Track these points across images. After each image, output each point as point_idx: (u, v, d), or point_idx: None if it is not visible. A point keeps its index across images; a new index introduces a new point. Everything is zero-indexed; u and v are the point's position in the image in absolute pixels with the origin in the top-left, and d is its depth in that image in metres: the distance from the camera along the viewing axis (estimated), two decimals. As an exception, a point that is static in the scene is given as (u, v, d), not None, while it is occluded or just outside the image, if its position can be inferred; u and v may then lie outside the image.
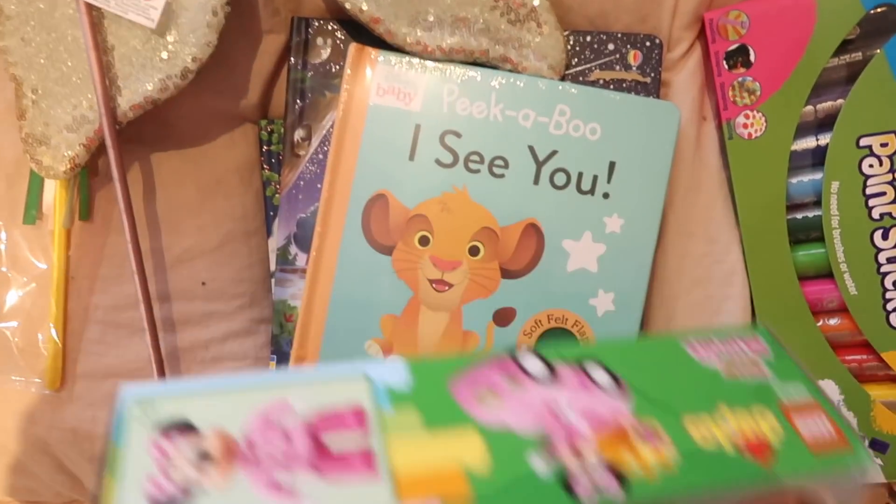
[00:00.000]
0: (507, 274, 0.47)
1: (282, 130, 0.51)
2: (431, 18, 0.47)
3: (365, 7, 0.46)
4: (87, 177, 0.50)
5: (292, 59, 0.50)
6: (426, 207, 0.47)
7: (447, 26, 0.47)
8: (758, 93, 0.49)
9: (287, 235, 0.50)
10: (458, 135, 0.46)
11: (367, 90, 0.47)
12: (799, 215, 0.49)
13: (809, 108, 0.49)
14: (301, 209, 0.50)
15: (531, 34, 0.48)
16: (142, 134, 0.50)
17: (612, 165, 0.46)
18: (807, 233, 0.49)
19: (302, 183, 0.50)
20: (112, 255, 0.50)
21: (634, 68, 0.50)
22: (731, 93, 0.49)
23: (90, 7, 0.45)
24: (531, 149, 0.46)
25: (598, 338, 0.47)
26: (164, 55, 0.45)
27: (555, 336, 0.47)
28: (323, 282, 0.47)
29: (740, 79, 0.49)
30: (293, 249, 0.51)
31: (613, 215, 0.46)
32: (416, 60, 0.47)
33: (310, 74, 0.50)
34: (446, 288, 0.47)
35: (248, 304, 0.52)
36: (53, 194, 0.49)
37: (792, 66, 0.48)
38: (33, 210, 0.49)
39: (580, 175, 0.46)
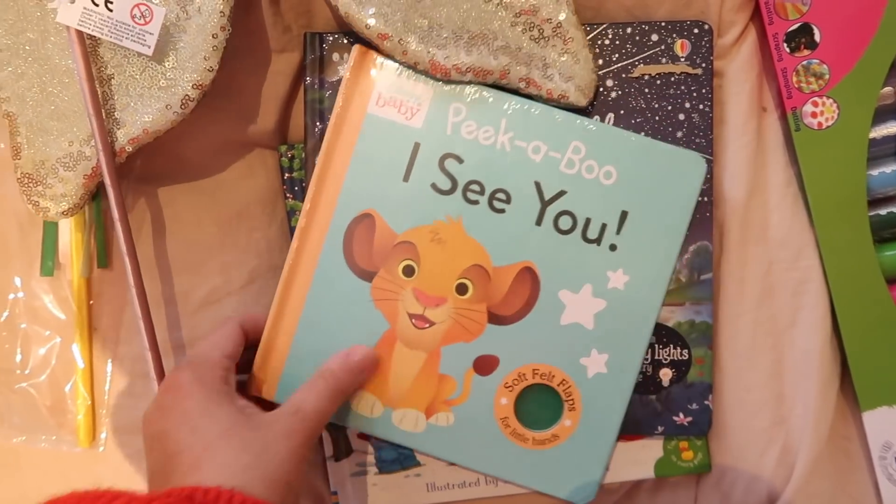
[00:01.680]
0: (494, 319, 0.42)
1: (303, 155, 0.46)
2: (445, 35, 0.41)
3: (372, 22, 0.40)
4: (103, 222, 0.45)
5: (308, 78, 0.44)
6: (415, 235, 0.42)
7: (463, 44, 0.41)
8: (826, 76, 0.42)
9: (315, 268, 0.47)
10: (459, 160, 0.41)
11: (365, 98, 0.41)
12: (883, 211, 0.43)
13: (888, 89, 0.42)
14: (328, 239, 0.46)
15: (557, 52, 0.41)
16: (153, 171, 0.45)
17: (623, 215, 0.41)
18: (893, 230, 0.43)
19: (327, 211, 0.46)
20: (133, 304, 0.46)
21: (683, 59, 0.43)
22: (795, 79, 0.42)
23: (82, 35, 0.39)
24: (537, 185, 0.41)
25: (585, 400, 0.42)
26: (163, 83, 0.40)
27: (538, 393, 0.42)
28: (293, 301, 0.42)
29: (805, 62, 0.42)
30: (323, 283, 0.47)
31: (619, 270, 0.41)
32: (421, 75, 0.42)
33: (328, 94, 0.43)
34: (427, 325, 0.42)
35: None
36: (69, 243, 0.45)
37: (865, 43, 0.41)
38: (50, 261, 0.45)
39: (587, 221, 0.41)
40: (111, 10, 0.39)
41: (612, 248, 0.41)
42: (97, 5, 0.39)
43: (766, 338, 0.45)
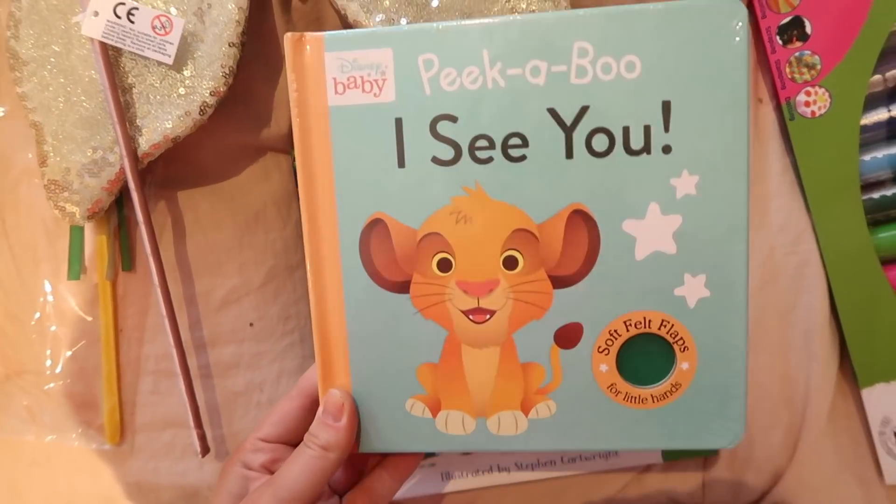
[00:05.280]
0: (559, 282, 0.35)
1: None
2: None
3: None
4: (127, 227, 0.46)
5: (318, 83, 0.46)
6: (437, 222, 0.35)
7: None
8: (818, 67, 0.43)
9: (330, 266, 0.47)
10: (452, 119, 0.34)
11: (321, 90, 0.34)
12: (876, 194, 0.44)
13: (878, 77, 0.43)
14: (342, 238, 0.47)
15: None
16: (173, 176, 0.46)
17: (666, 106, 0.33)
18: (886, 212, 0.44)
19: (340, 210, 0.46)
20: (157, 303, 0.46)
21: None
22: (788, 70, 0.43)
23: (106, 46, 0.41)
24: (553, 112, 0.34)
25: (696, 334, 0.34)
26: (182, 91, 0.41)
27: (640, 345, 0.35)
28: (335, 345, 0.36)
29: (797, 53, 0.43)
30: (338, 280, 0.47)
31: (682, 173, 0.33)
32: (373, 33, 0.34)
33: (338, 97, 0.46)
34: (487, 317, 0.35)
35: (299, 341, 0.48)
36: (94, 247, 0.46)
37: (854, 33, 0.42)
38: (77, 265, 0.46)
39: (626, 130, 0.33)
40: (133, 22, 0.40)
41: (666, 150, 0.33)
42: (120, 17, 0.40)
43: (770, 321, 0.46)
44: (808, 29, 0.43)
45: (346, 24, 0.46)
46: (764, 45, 0.44)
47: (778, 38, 0.44)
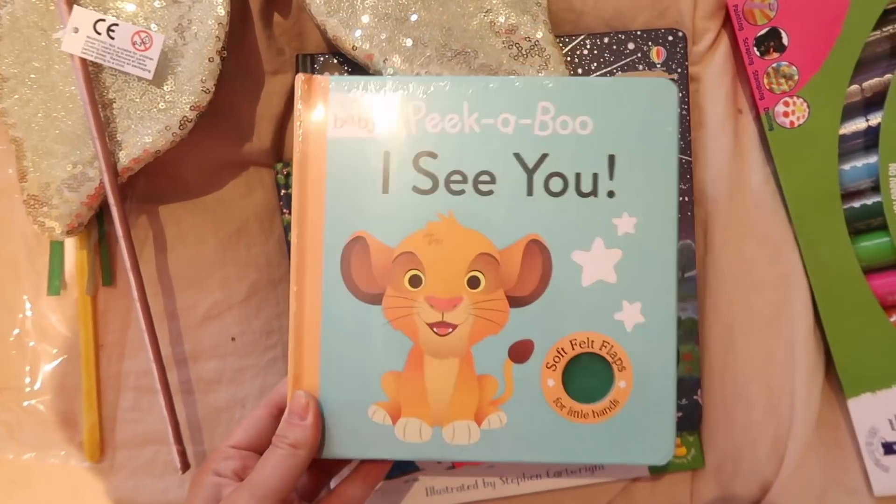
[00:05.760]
0: (515, 302, 0.39)
1: (297, 172, 0.49)
2: (429, 53, 0.43)
3: (358, 44, 0.42)
4: (107, 242, 0.46)
5: (300, 97, 0.47)
6: (411, 243, 0.40)
7: (446, 61, 0.43)
8: (795, 77, 0.43)
9: (313, 280, 0.47)
10: (433, 155, 0.40)
11: (323, 124, 0.40)
12: (856, 203, 0.44)
13: (854, 87, 0.43)
14: (324, 252, 0.47)
15: (534, 69, 0.43)
16: (155, 191, 0.47)
17: (611, 159, 0.39)
18: (867, 221, 0.44)
19: (322, 224, 0.47)
20: (138, 318, 0.46)
21: (659, 66, 0.45)
22: (766, 81, 0.44)
23: (86, 62, 0.41)
24: (518, 157, 0.40)
25: (632, 355, 0.39)
26: (162, 105, 0.42)
27: (584, 364, 0.39)
28: (309, 347, 0.39)
29: (775, 64, 0.43)
30: (321, 294, 0.48)
31: (623, 215, 0.39)
32: (373, 80, 0.40)
33: (319, 111, 0.47)
34: (449, 330, 0.39)
35: (281, 355, 0.48)
36: (75, 263, 0.46)
37: (830, 44, 0.42)
38: (56, 280, 0.46)
39: (578, 176, 0.39)
40: (113, 38, 0.41)
41: (610, 194, 0.39)
42: (100, 34, 0.41)
43: (754, 332, 0.46)
44: (785, 40, 0.43)
45: (326, 38, 0.46)
46: (742, 56, 0.44)
47: (755, 49, 0.44)
